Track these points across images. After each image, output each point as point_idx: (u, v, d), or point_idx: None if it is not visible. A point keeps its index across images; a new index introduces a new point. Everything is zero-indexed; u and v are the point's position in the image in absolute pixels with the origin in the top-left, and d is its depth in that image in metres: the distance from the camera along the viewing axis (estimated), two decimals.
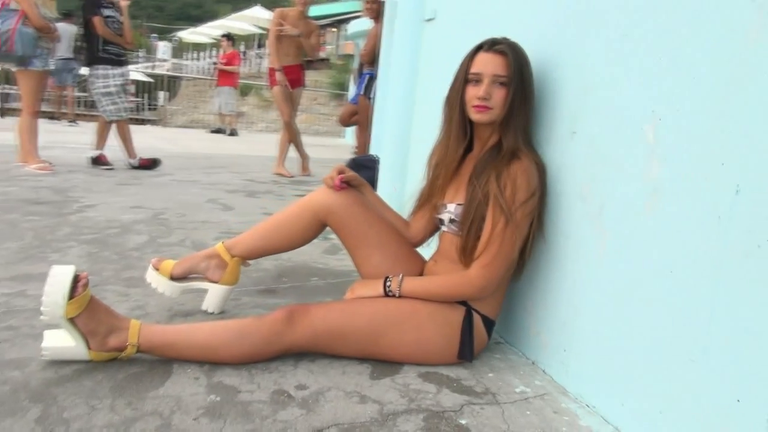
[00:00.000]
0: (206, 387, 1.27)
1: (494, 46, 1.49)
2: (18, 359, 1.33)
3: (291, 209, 1.66)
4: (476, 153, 1.59)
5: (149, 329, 1.35)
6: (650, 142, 1.17)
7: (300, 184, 4.74)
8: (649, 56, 1.18)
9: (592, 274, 1.33)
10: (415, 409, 1.25)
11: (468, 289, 1.45)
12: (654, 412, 1.12)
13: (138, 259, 2.20)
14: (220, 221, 3.00)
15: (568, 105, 1.45)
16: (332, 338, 1.42)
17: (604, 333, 1.28)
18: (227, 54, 10.96)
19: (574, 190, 1.40)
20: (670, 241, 1.11)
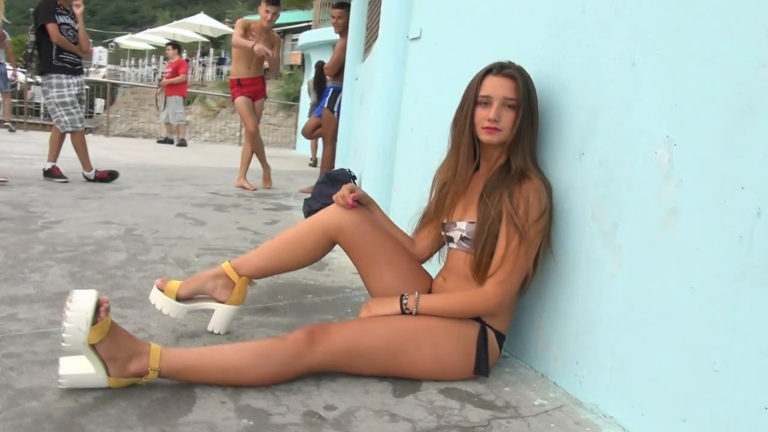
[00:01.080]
0: (235, 411, 1.26)
1: (503, 70, 1.55)
2: (31, 388, 1.27)
3: (300, 228, 1.66)
4: (483, 172, 1.64)
5: (170, 353, 1.32)
6: (665, 164, 1.25)
7: (265, 197, 4.69)
8: (662, 84, 1.27)
9: (606, 290, 1.39)
10: (445, 426, 1.28)
11: (485, 305, 1.49)
12: (677, 421, 1.19)
13: (124, 278, 2.13)
14: (196, 237, 2.94)
15: (574, 128, 1.52)
16: (352, 357, 1.43)
17: (621, 346, 1.34)
18: (173, 62, 10.70)
19: (584, 209, 1.47)
20: (689, 259, 1.18)
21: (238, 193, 4.77)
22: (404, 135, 2.55)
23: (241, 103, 4.97)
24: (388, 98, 2.60)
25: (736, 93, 1.11)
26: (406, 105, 2.54)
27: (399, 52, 2.55)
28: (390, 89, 2.59)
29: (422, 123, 2.40)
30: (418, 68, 2.47)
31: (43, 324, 1.64)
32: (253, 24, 4.88)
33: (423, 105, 2.39)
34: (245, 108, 4.96)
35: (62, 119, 4.31)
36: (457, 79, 2.13)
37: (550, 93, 1.60)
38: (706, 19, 1.18)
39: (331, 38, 11.73)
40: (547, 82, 1.60)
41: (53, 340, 1.53)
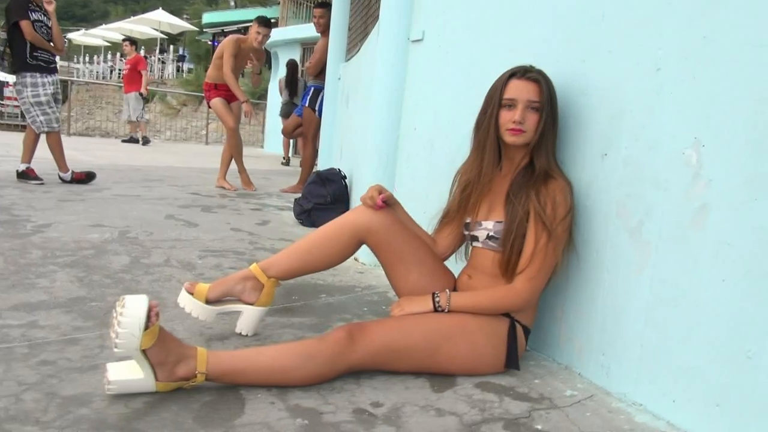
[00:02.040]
0: (287, 411, 1.27)
1: (527, 73, 1.60)
2: (78, 396, 1.25)
3: (328, 229, 1.68)
4: (505, 173, 1.69)
5: (217, 357, 1.33)
6: (694, 164, 1.32)
7: (248, 197, 4.66)
8: (690, 88, 1.34)
9: (633, 284, 1.46)
10: (490, 419, 1.33)
11: (515, 301, 1.54)
12: (710, 406, 1.27)
13: (134, 282, 2.10)
14: (192, 239, 2.91)
15: (596, 129, 1.59)
16: (391, 355, 1.46)
17: (650, 337, 1.41)
18: (131, 59, 10.43)
19: (608, 207, 1.54)
20: (720, 254, 1.26)
21: (219, 194, 4.72)
22: (407, 136, 2.58)
23: (218, 104, 4.91)
24: (390, 99, 2.62)
25: (763, 97, 1.19)
26: (408, 106, 2.57)
27: (400, 53, 2.58)
28: (391, 90, 2.62)
29: (426, 124, 2.44)
30: (420, 70, 2.50)
31: (68, 330, 1.61)
32: (243, 44, 4.85)
33: (427, 106, 2.43)
34: (223, 107, 4.90)
35: (37, 119, 4.18)
36: (464, 82, 2.19)
37: (569, 96, 1.66)
38: (734, 29, 1.25)
39: (299, 36, 11.69)
40: (566, 85, 1.66)
41: (83, 346, 1.51)
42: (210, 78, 4.93)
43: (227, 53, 4.70)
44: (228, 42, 4.78)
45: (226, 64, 4.70)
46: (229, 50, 4.71)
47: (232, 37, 4.87)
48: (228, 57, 4.69)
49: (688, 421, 1.32)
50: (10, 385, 1.27)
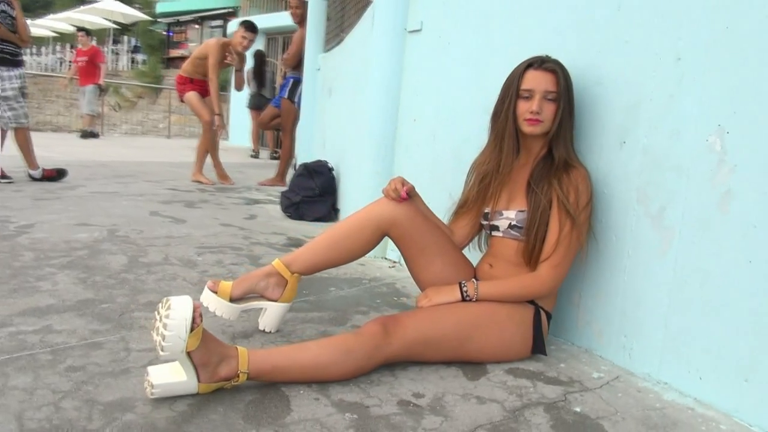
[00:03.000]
0: (333, 406, 1.27)
1: (543, 64, 1.62)
2: (119, 401, 1.22)
3: (351, 222, 1.67)
4: (523, 162, 1.71)
5: (257, 355, 1.32)
6: (718, 151, 1.37)
7: (227, 192, 4.58)
8: (712, 77, 1.38)
9: (655, 267, 1.51)
10: (529, 403, 1.36)
11: (541, 288, 1.57)
12: (739, 381, 1.33)
13: (139, 282, 2.05)
14: (185, 235, 2.85)
15: (613, 119, 1.63)
16: (424, 346, 1.48)
17: (674, 318, 1.47)
18: (87, 50, 10.05)
19: (628, 194, 1.59)
20: (746, 236, 1.31)
21: (198, 188, 4.62)
22: (406, 127, 2.58)
23: (193, 97, 4.81)
24: (387, 90, 2.62)
25: None
26: (407, 97, 2.57)
27: (397, 44, 2.58)
28: (388, 82, 2.61)
29: (428, 115, 2.44)
30: (419, 61, 2.50)
31: (87, 334, 1.56)
32: (229, 48, 4.79)
33: (428, 97, 2.44)
34: (198, 101, 4.80)
35: (5, 115, 4.00)
36: (468, 73, 2.21)
37: (584, 86, 1.69)
38: (757, 18, 1.30)
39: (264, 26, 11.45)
40: (581, 75, 1.68)
41: (108, 350, 1.47)
42: (186, 72, 4.82)
43: (213, 59, 4.62)
44: (214, 47, 4.68)
45: (213, 71, 4.63)
46: (215, 56, 4.62)
47: (218, 42, 4.77)
48: (214, 63, 4.62)
49: (715, 396, 1.38)
50: (44, 394, 1.23)
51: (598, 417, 1.32)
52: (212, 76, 4.69)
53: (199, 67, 4.80)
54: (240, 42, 4.75)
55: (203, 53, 4.78)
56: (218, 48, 4.71)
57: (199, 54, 4.82)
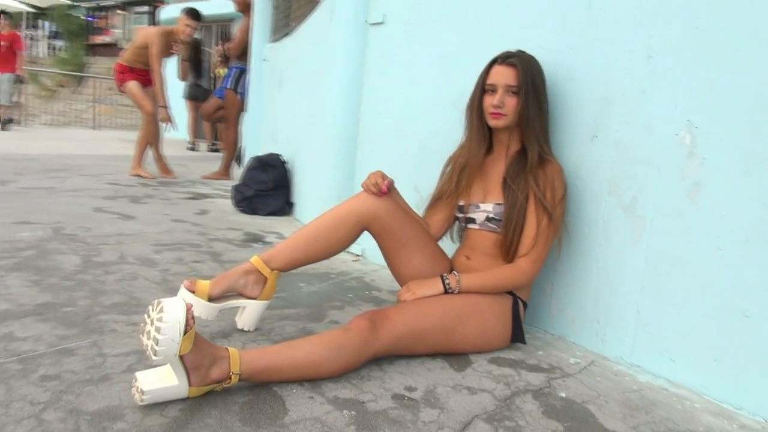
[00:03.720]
0: (329, 404, 1.26)
1: (507, 59, 1.66)
2: (105, 410, 1.16)
3: (331, 217, 1.65)
4: (497, 156, 1.75)
5: (249, 356, 1.28)
6: (688, 145, 1.45)
7: (172, 186, 4.42)
8: (683, 75, 1.46)
9: (627, 255, 1.58)
10: (518, 391, 1.39)
11: (521, 280, 1.61)
12: (709, 362, 1.41)
13: (99, 283, 1.95)
14: (137, 233, 2.73)
15: (585, 113, 1.69)
16: (412, 339, 1.48)
17: (646, 303, 1.54)
18: (6, 35, 9.38)
19: (600, 186, 1.65)
20: (715, 225, 1.40)
21: (139, 183, 4.43)
22: (369, 120, 2.57)
23: (134, 87, 4.60)
24: (349, 83, 2.59)
25: (762, 84, 1.32)
26: (370, 90, 2.56)
27: (358, 36, 2.55)
28: (350, 74, 2.58)
29: (393, 109, 2.44)
30: (382, 54, 2.49)
31: (55, 341, 1.47)
32: (171, 36, 4.59)
33: (393, 91, 2.43)
34: (139, 91, 4.60)
35: None
36: (437, 68, 2.22)
37: (557, 81, 1.74)
38: (723, 21, 1.38)
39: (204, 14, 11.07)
40: (554, 71, 1.73)
41: (81, 356, 1.39)
42: (126, 60, 4.60)
43: (156, 49, 4.42)
44: (156, 36, 4.47)
45: (156, 62, 4.44)
46: (158, 46, 4.43)
47: (159, 30, 4.57)
48: (157, 53, 4.43)
49: (687, 376, 1.46)
50: (22, 407, 1.15)
51: (584, 401, 1.37)
52: (156, 67, 4.50)
53: (140, 56, 4.60)
54: (183, 30, 4.58)
55: (144, 42, 4.57)
56: (161, 37, 4.52)
57: (140, 43, 4.61)
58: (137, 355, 1.42)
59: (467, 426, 1.21)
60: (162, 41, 4.51)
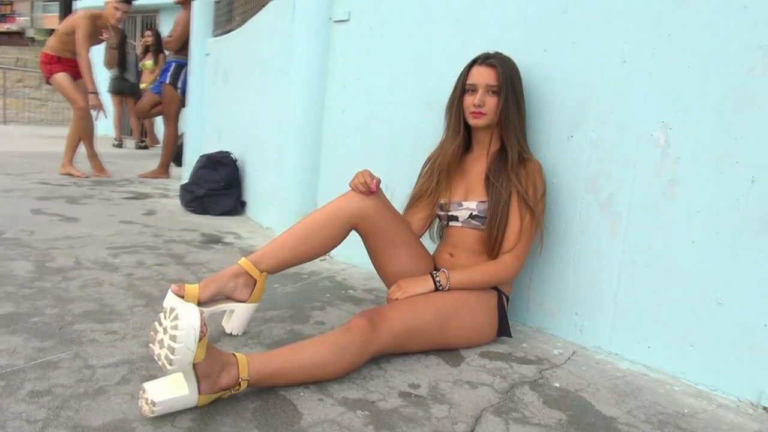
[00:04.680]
0: (341, 405, 1.26)
1: (486, 60, 1.71)
2: (112, 424, 1.10)
3: (320, 216, 1.63)
4: (477, 155, 1.79)
5: (257, 360, 1.25)
6: (662, 145, 1.55)
7: (109, 185, 4.19)
8: (657, 79, 1.55)
9: (605, 249, 1.67)
10: (515, 383, 1.44)
11: (507, 275, 1.67)
12: (684, 347, 1.52)
13: (61, 290, 1.83)
14: (87, 236, 2.58)
15: (561, 114, 1.76)
16: (408, 336, 1.50)
17: (623, 294, 1.63)
18: None
19: (577, 184, 1.73)
20: (690, 219, 1.50)
21: (72, 182, 4.18)
22: (334, 118, 2.55)
23: (64, 79, 4.32)
24: (312, 81, 2.56)
25: (729, 89, 1.43)
26: (335, 88, 2.53)
27: (322, 33, 2.52)
28: (314, 72, 2.54)
29: (359, 106, 2.44)
30: (348, 51, 2.48)
31: (32, 353, 1.37)
32: (99, 21, 4.30)
33: (359, 89, 2.43)
34: (70, 83, 4.32)
35: None
36: (406, 66, 2.25)
37: (533, 82, 1.80)
38: (695, 29, 1.48)
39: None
40: (528, 71, 1.78)
41: (67, 369, 1.31)
42: (52, 50, 4.29)
43: (83, 32, 4.15)
44: (82, 20, 4.20)
45: (82, 46, 4.17)
46: (85, 29, 4.16)
47: (85, 14, 4.28)
48: (83, 37, 4.16)
49: (664, 362, 1.56)
50: (20, 426, 1.07)
51: (577, 390, 1.43)
52: (82, 51, 4.23)
53: (67, 44, 4.31)
54: (113, 14, 4.33)
55: (71, 27, 4.29)
56: (88, 20, 4.26)
57: (66, 28, 4.32)
58: (127, 365, 1.36)
59: (478, 419, 1.24)
60: (89, 24, 4.26)
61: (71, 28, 4.30)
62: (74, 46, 4.28)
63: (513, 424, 1.23)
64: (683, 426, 1.29)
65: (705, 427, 1.29)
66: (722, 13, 1.44)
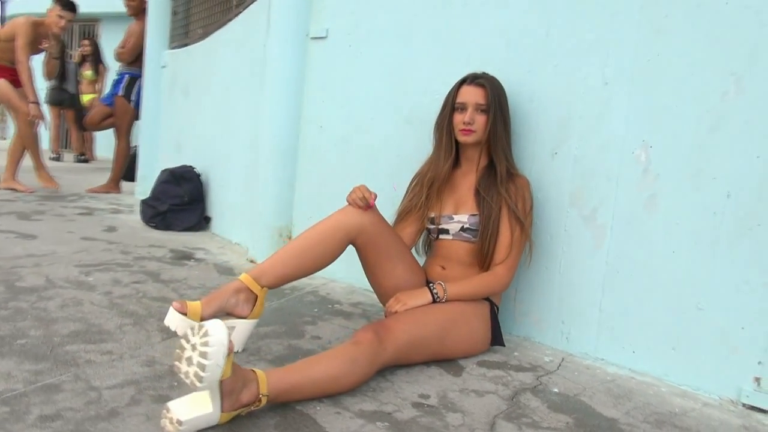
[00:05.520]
0: (359, 417, 1.27)
1: (475, 80, 1.79)
2: None
3: (320, 231, 1.64)
4: (466, 170, 1.85)
5: (274, 375, 1.25)
6: (643, 162, 1.66)
7: (58, 200, 4.01)
8: (638, 101, 1.66)
9: (589, 260, 1.76)
10: (517, 390, 1.49)
11: (500, 286, 1.73)
12: (667, 350, 1.62)
13: (41, 311, 1.76)
14: (50, 253, 2.47)
15: (545, 132, 1.85)
16: (413, 348, 1.54)
17: (608, 303, 1.73)
18: None
19: (561, 198, 1.82)
20: (670, 231, 1.61)
21: (17, 197, 3.97)
22: (311, 133, 2.55)
23: (5, 87, 4.12)
24: (287, 96, 2.55)
25: (705, 111, 1.56)
26: (312, 103, 2.54)
27: (298, 49, 2.53)
28: (290, 87, 2.54)
29: (337, 122, 2.46)
30: (325, 68, 2.50)
31: (30, 377, 1.31)
32: (41, 28, 4.12)
33: (338, 105, 2.45)
34: (11, 91, 4.13)
35: None
36: (387, 84, 2.30)
37: (515, 102, 1.88)
38: (673, 55, 1.61)
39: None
40: (512, 92, 1.86)
41: (72, 392, 1.26)
42: None
43: (24, 39, 3.97)
44: (23, 27, 4.01)
45: (22, 53, 3.99)
46: (26, 36, 3.98)
47: (27, 20, 4.09)
48: (24, 44, 3.98)
49: (648, 365, 1.66)
50: None
51: (575, 394, 1.51)
52: (22, 58, 4.05)
53: (6, 51, 4.11)
54: (56, 22, 4.16)
55: (11, 34, 4.10)
56: (30, 27, 4.08)
57: (6, 35, 4.12)
58: (133, 385, 1.32)
59: (493, 426, 1.29)
60: (31, 32, 4.09)
61: (11, 35, 4.11)
62: (13, 54, 4.10)
63: (526, 429, 1.28)
64: (678, 424, 1.38)
65: (697, 425, 1.38)
66: (698, 42, 1.57)
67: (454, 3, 2.08)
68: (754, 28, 1.48)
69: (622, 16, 1.70)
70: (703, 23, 1.56)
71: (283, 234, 2.62)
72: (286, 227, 2.62)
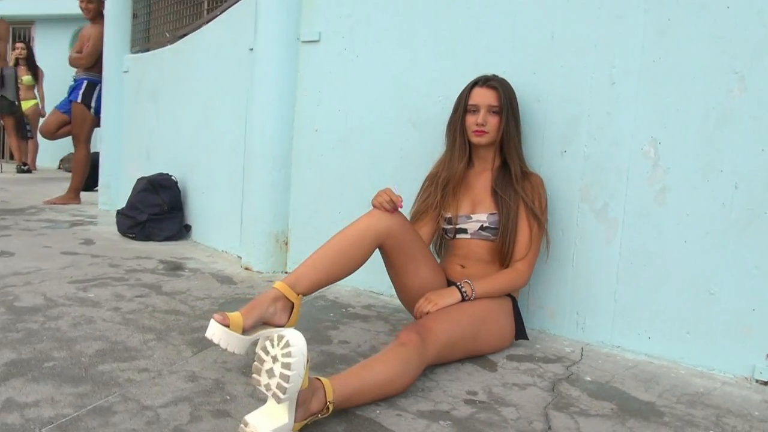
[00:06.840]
0: (423, 418, 1.29)
1: (487, 82, 1.84)
2: None
3: (349, 236, 1.63)
4: (479, 170, 1.90)
5: (338, 383, 1.25)
6: (652, 157, 1.75)
7: (20, 214, 3.80)
8: (646, 99, 1.75)
9: (602, 253, 1.84)
10: (555, 381, 1.55)
11: (522, 282, 1.79)
12: (682, 334, 1.72)
13: (55, 331, 1.68)
14: (35, 270, 2.36)
15: (554, 131, 1.92)
16: (451, 347, 1.57)
17: (622, 293, 1.81)
18: None
19: (572, 194, 1.89)
20: (681, 222, 1.71)
21: None
22: (306, 137, 2.53)
23: None
24: (278, 100, 2.52)
25: (710, 108, 1.66)
26: (306, 107, 2.52)
27: (290, 53, 2.51)
28: (281, 91, 2.51)
29: (334, 125, 2.46)
30: (319, 71, 2.48)
31: (75, 401, 1.26)
32: None
33: (335, 108, 2.45)
34: None
35: None
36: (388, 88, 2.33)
37: (523, 101, 1.94)
38: (678, 56, 1.70)
39: None
40: (518, 91, 1.92)
41: (128, 413, 1.22)
42: None
43: None
44: None
45: None
46: None
47: None
48: None
49: (663, 350, 1.75)
50: None
51: (607, 381, 1.58)
52: None
53: None
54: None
55: None
56: None
57: None
58: (186, 402, 1.29)
59: (547, 417, 1.33)
60: None
61: None
62: None
63: (578, 417, 1.34)
64: (708, 403, 1.47)
65: (724, 402, 1.48)
66: (702, 42, 1.67)
67: (457, 4, 2.12)
68: (756, 28, 1.59)
69: (628, 19, 1.78)
70: (707, 24, 1.66)
71: (279, 239, 2.59)
72: (282, 232, 2.60)
